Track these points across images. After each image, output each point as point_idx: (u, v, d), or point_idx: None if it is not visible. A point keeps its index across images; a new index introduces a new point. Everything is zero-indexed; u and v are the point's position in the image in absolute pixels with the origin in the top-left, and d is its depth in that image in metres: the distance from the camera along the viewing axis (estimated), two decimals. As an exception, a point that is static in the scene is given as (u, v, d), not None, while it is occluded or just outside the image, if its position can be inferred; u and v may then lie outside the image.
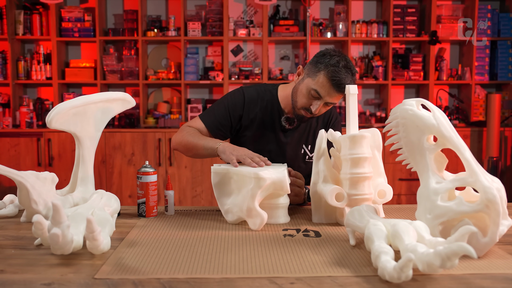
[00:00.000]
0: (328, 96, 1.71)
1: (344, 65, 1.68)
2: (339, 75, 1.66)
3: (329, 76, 1.67)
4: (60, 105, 1.50)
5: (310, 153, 1.92)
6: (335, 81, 1.67)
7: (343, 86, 1.66)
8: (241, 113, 1.87)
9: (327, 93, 1.70)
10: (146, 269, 1.11)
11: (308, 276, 1.07)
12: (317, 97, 1.72)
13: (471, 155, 1.20)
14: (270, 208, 1.51)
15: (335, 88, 1.68)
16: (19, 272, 1.09)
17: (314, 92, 1.71)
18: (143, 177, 1.58)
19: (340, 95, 1.71)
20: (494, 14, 4.35)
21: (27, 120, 4.13)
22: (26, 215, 1.52)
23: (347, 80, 1.67)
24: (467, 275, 1.08)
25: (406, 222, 1.14)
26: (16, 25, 4.25)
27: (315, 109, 1.73)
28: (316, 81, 1.70)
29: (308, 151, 1.92)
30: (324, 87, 1.69)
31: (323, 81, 1.69)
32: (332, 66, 1.67)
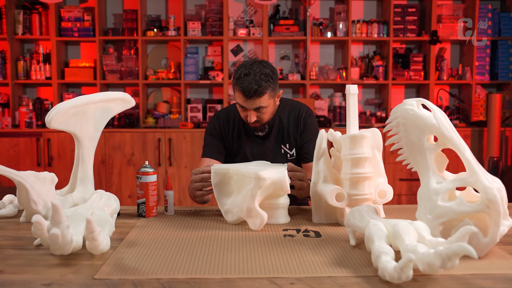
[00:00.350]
0: (248, 104, 1.82)
1: (246, 73, 1.80)
2: (242, 84, 1.79)
3: (238, 88, 1.82)
4: (60, 105, 1.50)
5: (290, 151, 1.99)
6: (241, 89, 1.80)
7: (249, 91, 1.78)
8: (221, 134, 2.03)
9: (244, 102, 1.82)
10: (146, 269, 1.11)
11: (308, 277, 1.07)
12: (243, 109, 1.87)
13: (471, 155, 1.20)
14: (270, 208, 1.51)
15: (245, 96, 1.80)
16: (19, 273, 1.09)
17: (239, 106, 1.87)
18: (142, 177, 1.59)
19: (255, 99, 1.80)
20: (494, 13, 4.35)
21: (26, 120, 4.13)
22: (26, 215, 1.52)
23: (251, 85, 1.77)
24: (468, 275, 1.08)
25: (407, 222, 1.14)
26: (15, 25, 4.25)
27: (250, 118, 1.85)
28: (236, 96, 1.86)
29: (288, 150, 1.99)
30: (239, 98, 1.83)
31: (237, 93, 1.84)
32: (236, 79, 1.83)
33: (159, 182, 4.04)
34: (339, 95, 4.42)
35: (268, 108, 1.87)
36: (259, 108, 1.84)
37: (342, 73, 4.33)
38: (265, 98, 1.82)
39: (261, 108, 1.84)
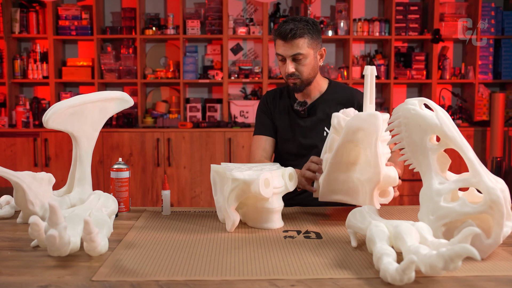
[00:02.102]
0: (285, 50, 1.83)
1: (285, 20, 1.84)
2: (280, 28, 1.83)
3: (276, 34, 1.85)
4: (57, 104, 1.50)
5: None
6: (279, 33, 1.82)
7: (284, 32, 1.80)
8: (269, 112, 2.05)
9: (282, 48, 1.83)
10: (145, 271, 1.11)
11: (308, 278, 1.07)
12: (283, 59, 1.86)
13: (474, 155, 1.20)
14: (263, 212, 1.47)
15: (282, 39, 1.82)
16: (15, 274, 1.09)
17: (278, 56, 1.87)
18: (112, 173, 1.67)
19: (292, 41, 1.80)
20: (498, 12, 4.35)
21: (23, 119, 4.13)
22: (23, 216, 1.52)
23: (288, 26, 1.80)
24: (471, 277, 1.08)
25: (409, 223, 1.14)
26: (12, 23, 4.25)
27: (288, 68, 1.84)
28: (275, 47, 1.87)
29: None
30: (278, 45, 1.85)
31: (276, 42, 1.86)
32: (276, 28, 1.86)
33: (157, 183, 4.04)
34: (340, 95, 4.42)
35: (308, 60, 1.85)
36: (297, 56, 1.82)
37: (343, 72, 4.33)
38: (303, 44, 1.81)
39: (299, 55, 1.82)
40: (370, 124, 1.43)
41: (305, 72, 1.87)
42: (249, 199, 1.47)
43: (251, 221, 1.51)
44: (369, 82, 1.53)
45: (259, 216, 1.48)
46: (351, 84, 4.29)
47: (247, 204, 1.50)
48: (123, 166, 1.67)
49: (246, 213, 1.51)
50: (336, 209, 1.75)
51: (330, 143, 1.59)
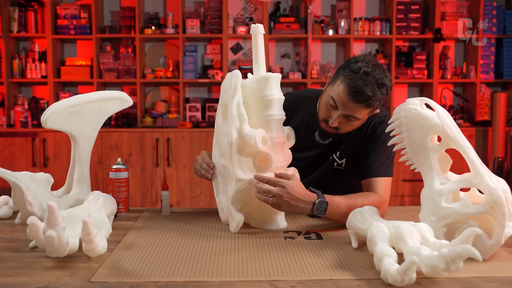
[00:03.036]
0: (344, 107, 1.51)
1: (365, 72, 1.49)
2: (356, 82, 1.48)
3: (346, 82, 1.50)
4: (56, 104, 1.50)
5: (339, 159, 1.71)
6: (350, 87, 1.49)
7: (360, 95, 1.48)
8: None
9: (342, 102, 1.51)
10: (144, 272, 1.11)
11: (309, 280, 1.07)
12: (334, 107, 1.54)
13: (476, 156, 1.20)
14: (267, 213, 1.47)
15: (350, 97, 1.49)
16: (14, 275, 1.09)
17: (331, 100, 1.54)
18: (111, 173, 1.66)
19: (359, 107, 1.50)
20: (499, 11, 4.34)
21: (21, 119, 4.13)
22: (21, 217, 1.52)
23: (367, 89, 1.47)
24: (472, 278, 1.08)
25: (410, 224, 1.15)
26: (10, 22, 4.25)
27: (332, 121, 1.55)
28: (334, 88, 1.54)
29: (337, 158, 1.71)
30: (339, 94, 1.52)
31: (339, 87, 1.52)
32: (351, 71, 1.51)
33: (157, 183, 4.04)
34: (341, 94, 4.42)
35: (358, 122, 1.57)
36: (350, 118, 1.54)
37: (344, 72, 4.32)
38: (365, 111, 1.52)
39: (353, 119, 1.54)
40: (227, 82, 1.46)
41: (347, 130, 1.60)
42: (252, 200, 1.46)
43: (255, 222, 1.50)
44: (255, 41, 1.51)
45: (262, 217, 1.48)
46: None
47: (250, 205, 1.49)
48: (122, 166, 1.67)
49: (249, 213, 1.51)
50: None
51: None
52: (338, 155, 1.71)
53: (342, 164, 1.71)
